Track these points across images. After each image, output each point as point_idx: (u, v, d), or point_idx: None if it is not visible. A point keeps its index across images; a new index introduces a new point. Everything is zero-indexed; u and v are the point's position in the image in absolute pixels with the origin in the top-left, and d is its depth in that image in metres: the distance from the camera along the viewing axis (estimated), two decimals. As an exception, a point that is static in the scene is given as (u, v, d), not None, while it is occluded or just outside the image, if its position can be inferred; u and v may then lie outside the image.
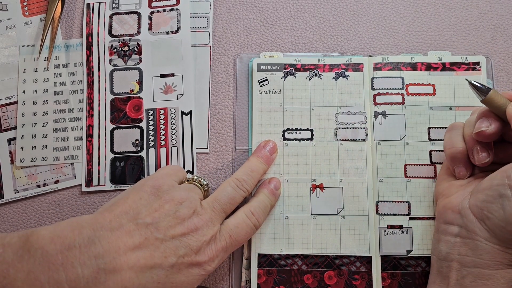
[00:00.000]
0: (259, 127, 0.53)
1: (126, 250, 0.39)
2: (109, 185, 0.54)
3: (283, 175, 0.52)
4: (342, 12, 0.57)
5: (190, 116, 0.55)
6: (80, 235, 0.38)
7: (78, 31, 0.58)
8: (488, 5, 0.57)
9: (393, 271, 0.49)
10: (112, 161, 0.54)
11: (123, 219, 0.41)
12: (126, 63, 0.56)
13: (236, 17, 0.58)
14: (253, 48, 0.57)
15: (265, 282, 0.50)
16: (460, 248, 0.43)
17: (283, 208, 0.51)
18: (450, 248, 0.43)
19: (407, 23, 0.57)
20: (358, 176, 0.52)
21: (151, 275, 0.39)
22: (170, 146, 0.54)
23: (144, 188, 0.44)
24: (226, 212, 0.46)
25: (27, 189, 0.54)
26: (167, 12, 0.57)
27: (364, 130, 0.53)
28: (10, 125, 0.55)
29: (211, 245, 0.43)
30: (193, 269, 0.42)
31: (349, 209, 0.51)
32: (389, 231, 0.50)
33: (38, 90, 0.56)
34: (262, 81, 0.54)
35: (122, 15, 0.58)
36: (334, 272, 0.50)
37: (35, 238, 0.37)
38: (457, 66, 0.53)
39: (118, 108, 0.55)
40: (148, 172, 0.54)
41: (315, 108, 0.54)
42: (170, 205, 0.43)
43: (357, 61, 0.54)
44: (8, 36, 0.58)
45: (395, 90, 0.53)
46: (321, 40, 0.57)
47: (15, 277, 0.35)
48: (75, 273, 0.36)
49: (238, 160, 0.54)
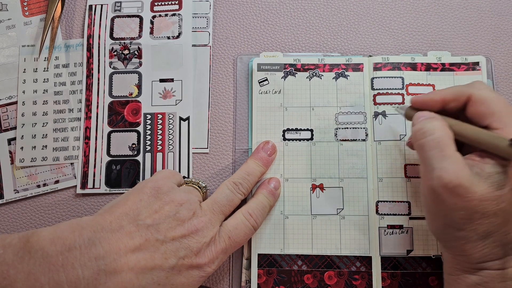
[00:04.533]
0: (259, 127, 0.53)
1: (127, 252, 0.39)
2: (104, 188, 0.54)
3: (283, 175, 0.52)
4: (342, 12, 0.57)
5: (188, 122, 0.55)
6: (81, 237, 0.38)
7: (78, 31, 0.58)
8: (488, 5, 0.57)
9: (393, 271, 0.50)
10: (108, 164, 0.54)
11: (123, 221, 0.41)
12: (126, 66, 0.56)
13: (236, 17, 0.58)
14: (253, 48, 0.57)
15: (265, 282, 0.50)
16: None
17: (283, 208, 0.51)
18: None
19: (407, 23, 0.57)
20: (358, 176, 0.52)
21: (151, 276, 0.39)
22: (167, 151, 0.54)
23: (144, 189, 0.44)
24: (225, 213, 0.46)
25: (27, 189, 0.54)
26: (169, 16, 0.57)
27: (364, 130, 0.53)
28: (10, 125, 0.55)
29: (210, 246, 0.43)
30: (193, 271, 0.42)
31: (349, 209, 0.51)
32: (389, 231, 0.50)
33: (38, 90, 0.56)
34: (262, 81, 0.54)
35: (124, 18, 0.57)
36: (334, 272, 0.50)
37: (36, 239, 0.37)
38: (456, 67, 0.53)
39: (116, 111, 0.55)
40: (144, 176, 0.54)
41: (315, 108, 0.53)
42: (170, 207, 0.43)
43: (357, 61, 0.54)
44: (8, 36, 0.58)
45: (395, 90, 0.53)
46: (321, 40, 0.57)
47: (16, 278, 0.35)
48: (76, 275, 0.36)
49: (238, 160, 0.54)
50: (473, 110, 0.42)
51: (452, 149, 0.40)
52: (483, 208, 0.38)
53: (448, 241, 0.42)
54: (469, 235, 0.40)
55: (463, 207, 0.39)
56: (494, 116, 0.41)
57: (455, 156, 0.39)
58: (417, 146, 0.42)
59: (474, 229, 0.39)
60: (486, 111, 0.41)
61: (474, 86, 0.43)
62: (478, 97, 0.42)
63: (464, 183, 0.38)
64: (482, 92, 0.42)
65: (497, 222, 0.39)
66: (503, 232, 0.40)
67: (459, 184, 0.38)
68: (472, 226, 0.39)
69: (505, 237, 0.40)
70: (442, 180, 0.38)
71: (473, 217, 0.39)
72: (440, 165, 0.39)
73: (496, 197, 0.38)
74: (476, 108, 0.42)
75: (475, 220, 0.39)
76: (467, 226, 0.39)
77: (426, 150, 0.40)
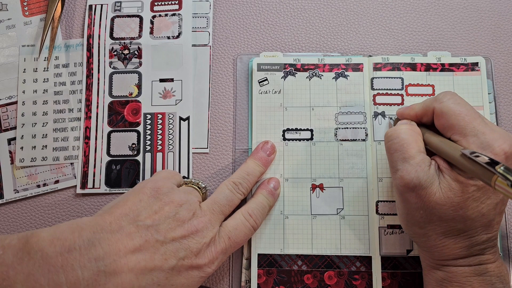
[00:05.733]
0: (259, 127, 0.53)
1: (126, 253, 0.39)
2: (104, 188, 0.54)
3: (283, 175, 0.52)
4: (342, 12, 0.57)
5: (188, 122, 0.55)
6: (80, 237, 0.38)
7: (78, 31, 0.58)
8: (488, 5, 0.57)
9: (393, 271, 0.50)
10: (108, 164, 0.54)
11: (123, 221, 0.41)
12: (126, 66, 0.56)
13: (236, 17, 0.58)
14: (253, 48, 0.57)
15: (265, 282, 0.50)
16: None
17: (283, 208, 0.51)
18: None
19: (407, 23, 0.57)
20: (358, 176, 0.52)
21: (151, 277, 0.39)
22: (167, 151, 0.54)
23: (143, 190, 0.44)
24: (225, 214, 0.46)
25: (27, 189, 0.54)
26: (169, 16, 0.57)
27: (364, 130, 0.53)
28: (10, 125, 0.55)
29: (210, 247, 0.43)
30: (193, 272, 0.42)
31: (349, 209, 0.51)
32: (389, 231, 0.50)
33: (38, 90, 0.56)
34: (262, 81, 0.54)
35: (124, 18, 0.57)
36: (334, 272, 0.50)
37: (35, 240, 0.37)
38: (456, 67, 0.53)
39: (116, 111, 0.55)
40: (144, 176, 0.54)
41: (315, 108, 0.53)
42: (170, 207, 0.43)
43: (357, 61, 0.54)
44: (8, 36, 0.58)
45: (394, 91, 0.53)
46: (321, 40, 0.57)
47: (15, 279, 0.35)
48: (75, 276, 0.36)
49: (238, 160, 0.54)
50: (437, 123, 0.44)
51: (414, 151, 0.42)
52: (440, 212, 0.40)
53: (413, 237, 0.45)
54: (429, 233, 0.42)
55: (422, 207, 0.41)
56: (454, 129, 0.42)
57: (418, 157, 0.41)
58: (385, 149, 0.45)
59: (433, 229, 0.42)
60: (446, 124, 0.42)
61: (437, 99, 0.44)
62: (439, 110, 0.43)
63: (423, 184, 0.40)
64: (443, 105, 0.43)
65: (456, 227, 0.41)
66: (465, 235, 0.41)
67: (419, 184, 0.40)
68: (431, 226, 0.42)
69: (469, 240, 0.41)
70: (403, 179, 0.41)
71: (431, 218, 0.41)
72: (402, 166, 0.42)
73: (454, 203, 0.40)
74: (438, 121, 0.44)
75: (434, 221, 0.41)
76: (426, 225, 0.42)
77: (391, 152, 0.43)
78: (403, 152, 0.42)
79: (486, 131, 0.40)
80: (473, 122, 0.41)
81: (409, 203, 0.42)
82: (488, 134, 0.40)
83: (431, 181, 0.40)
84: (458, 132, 0.41)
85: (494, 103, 0.53)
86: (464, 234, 0.41)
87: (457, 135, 0.41)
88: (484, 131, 0.40)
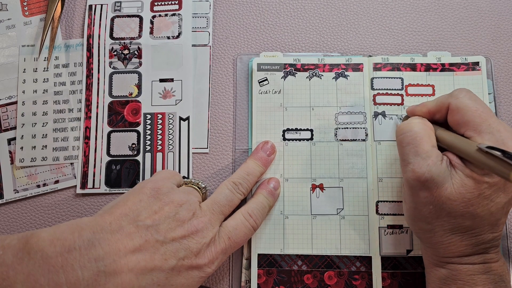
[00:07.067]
0: (259, 127, 0.53)
1: (126, 253, 0.39)
2: (104, 188, 0.54)
3: (283, 175, 0.52)
4: (342, 12, 0.57)
5: (188, 122, 0.55)
6: (80, 238, 0.38)
7: (78, 31, 0.58)
8: (488, 5, 0.57)
9: (393, 271, 0.50)
10: (108, 164, 0.54)
11: (123, 221, 0.41)
12: (126, 66, 0.56)
13: (236, 17, 0.58)
14: (253, 48, 0.57)
15: (265, 282, 0.50)
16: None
17: (283, 208, 0.51)
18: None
19: (407, 23, 0.57)
20: (358, 176, 0.52)
21: (151, 277, 0.39)
22: (167, 151, 0.54)
23: (143, 190, 0.44)
24: (225, 214, 0.46)
25: (27, 189, 0.54)
26: (169, 16, 0.57)
27: (364, 130, 0.53)
28: (10, 125, 0.55)
29: (210, 247, 0.43)
30: (193, 272, 0.42)
31: (349, 209, 0.51)
32: (389, 231, 0.50)
33: (38, 90, 0.56)
34: (262, 81, 0.54)
35: (124, 18, 0.57)
36: (334, 272, 0.50)
37: (35, 241, 0.37)
38: (456, 67, 0.53)
39: (116, 111, 0.55)
40: (144, 176, 0.54)
41: (315, 108, 0.53)
42: (170, 208, 0.43)
43: (357, 61, 0.54)
44: (8, 36, 0.58)
45: (394, 91, 0.53)
46: (321, 40, 0.57)
47: (15, 279, 0.35)
48: (75, 276, 0.36)
49: (238, 160, 0.54)
50: (451, 119, 0.44)
51: (427, 145, 0.42)
52: (451, 207, 0.40)
53: (418, 233, 0.44)
54: (436, 229, 0.42)
55: (431, 202, 0.41)
56: (469, 125, 0.42)
57: (431, 151, 0.41)
58: (397, 142, 0.44)
59: (440, 225, 0.42)
60: (461, 120, 0.42)
61: (453, 95, 0.44)
62: (455, 106, 0.43)
63: (435, 178, 0.40)
64: (459, 101, 0.43)
65: (464, 224, 0.41)
66: (472, 233, 0.41)
67: (431, 178, 0.40)
68: (439, 222, 0.41)
69: (475, 238, 0.41)
70: (415, 173, 0.41)
71: (440, 214, 0.41)
72: (414, 160, 0.41)
73: (465, 200, 0.40)
74: (452, 117, 0.43)
75: (442, 217, 0.41)
76: (434, 221, 0.42)
77: (403, 145, 0.43)
78: (415, 146, 0.42)
79: (501, 129, 0.40)
80: (489, 119, 0.41)
81: (419, 198, 0.41)
82: (503, 133, 0.40)
83: (443, 176, 0.40)
84: (472, 128, 0.41)
85: (494, 103, 0.53)
86: (471, 231, 0.41)
87: (471, 131, 0.41)
88: (499, 129, 0.40)
